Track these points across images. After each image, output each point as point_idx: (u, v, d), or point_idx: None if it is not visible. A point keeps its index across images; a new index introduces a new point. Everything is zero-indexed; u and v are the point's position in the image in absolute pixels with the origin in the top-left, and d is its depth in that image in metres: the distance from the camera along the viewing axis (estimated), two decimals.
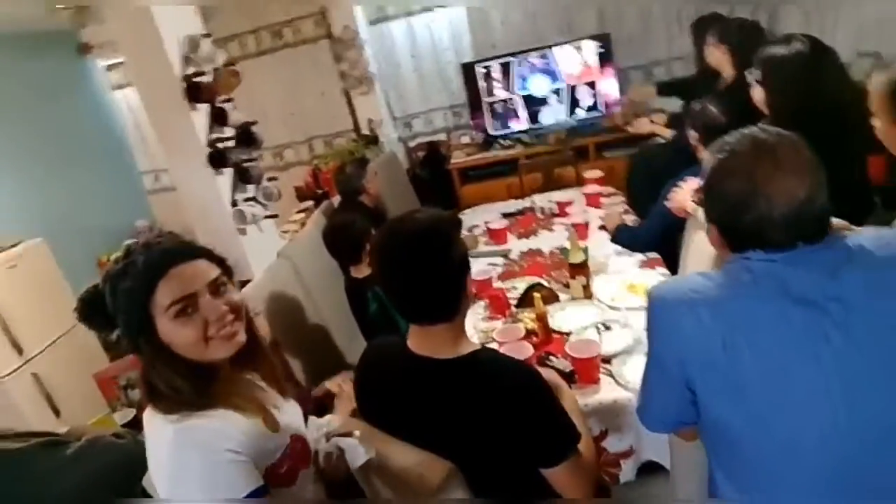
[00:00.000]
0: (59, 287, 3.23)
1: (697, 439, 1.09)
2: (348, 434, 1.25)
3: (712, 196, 1.01)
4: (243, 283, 2.48)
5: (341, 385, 1.72)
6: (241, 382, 1.13)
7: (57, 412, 3.03)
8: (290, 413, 1.21)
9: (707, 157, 1.03)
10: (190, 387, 1.02)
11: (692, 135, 2.48)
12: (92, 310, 1.06)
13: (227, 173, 2.43)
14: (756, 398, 0.92)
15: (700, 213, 1.91)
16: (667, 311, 1.01)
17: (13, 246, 3.10)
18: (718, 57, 2.85)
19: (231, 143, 2.42)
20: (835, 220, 0.98)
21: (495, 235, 2.79)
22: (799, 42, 1.77)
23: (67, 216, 4.09)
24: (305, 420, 1.30)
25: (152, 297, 1.01)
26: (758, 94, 1.87)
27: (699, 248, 1.95)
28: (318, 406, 1.77)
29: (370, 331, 2.43)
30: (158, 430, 1.02)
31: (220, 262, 1.11)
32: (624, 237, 2.53)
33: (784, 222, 0.91)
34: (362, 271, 2.41)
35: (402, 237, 1.17)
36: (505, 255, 2.66)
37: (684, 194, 2.05)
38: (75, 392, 3.01)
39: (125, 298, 1.02)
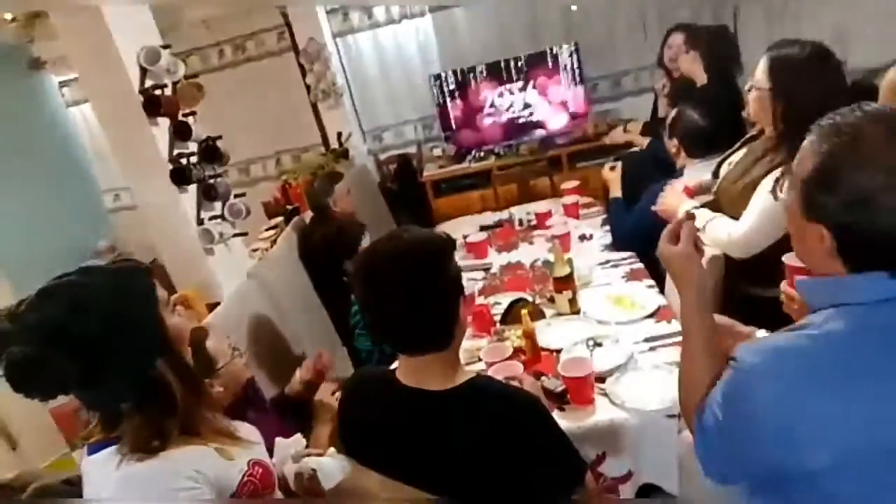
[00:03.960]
0: None
1: None
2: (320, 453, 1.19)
3: (830, 192, 0.79)
4: (212, 307, 2.34)
5: (314, 372, 1.70)
6: (198, 415, 1.10)
7: (14, 445, 2.80)
8: (246, 438, 1.17)
9: (806, 144, 0.84)
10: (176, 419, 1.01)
11: (671, 143, 2.46)
12: (36, 372, 0.92)
13: (192, 190, 2.29)
14: None
15: (700, 213, 1.80)
16: (779, 389, 0.78)
17: None
18: (690, 63, 2.84)
19: (195, 159, 2.29)
20: None
21: (475, 249, 2.71)
22: (809, 45, 1.60)
23: (24, 240, 3.89)
24: (270, 448, 1.24)
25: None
26: (760, 101, 1.66)
27: None
28: (294, 409, 1.69)
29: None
30: (103, 478, 0.98)
31: None
32: (615, 212, 2.54)
33: None
34: None
35: (389, 259, 1.07)
36: (486, 269, 2.59)
37: (674, 197, 1.99)
38: (33, 425, 2.78)
39: (142, 317, 1.00)
